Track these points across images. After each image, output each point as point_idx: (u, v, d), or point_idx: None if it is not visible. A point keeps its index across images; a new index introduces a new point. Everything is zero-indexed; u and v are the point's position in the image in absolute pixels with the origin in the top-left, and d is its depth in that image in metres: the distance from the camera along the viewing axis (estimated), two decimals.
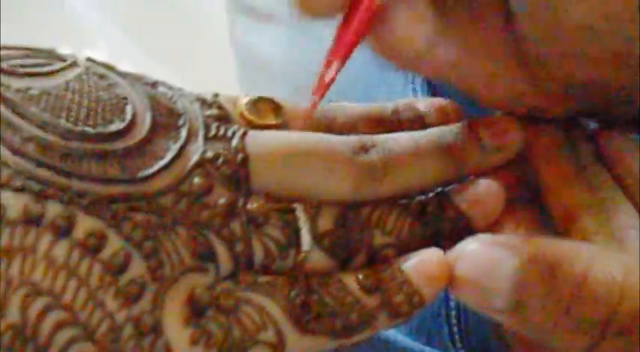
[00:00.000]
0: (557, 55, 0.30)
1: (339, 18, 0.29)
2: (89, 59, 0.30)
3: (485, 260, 0.28)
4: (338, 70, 0.29)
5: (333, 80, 0.29)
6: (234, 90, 0.66)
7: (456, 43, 0.31)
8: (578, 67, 0.30)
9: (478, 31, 0.31)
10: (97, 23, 1.29)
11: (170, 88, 0.31)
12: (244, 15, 0.61)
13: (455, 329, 0.41)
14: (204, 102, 0.31)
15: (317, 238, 0.29)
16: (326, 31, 0.54)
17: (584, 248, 0.28)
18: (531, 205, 0.33)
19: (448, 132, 0.33)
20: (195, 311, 0.26)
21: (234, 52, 0.64)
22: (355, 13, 0.28)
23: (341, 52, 0.29)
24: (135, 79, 0.30)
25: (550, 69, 0.31)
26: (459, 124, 0.34)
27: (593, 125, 0.35)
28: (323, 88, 0.29)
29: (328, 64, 0.29)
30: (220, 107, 0.31)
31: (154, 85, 0.31)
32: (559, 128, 0.34)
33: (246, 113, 0.32)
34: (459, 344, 0.41)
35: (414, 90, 0.44)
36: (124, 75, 0.30)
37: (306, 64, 0.54)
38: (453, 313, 0.41)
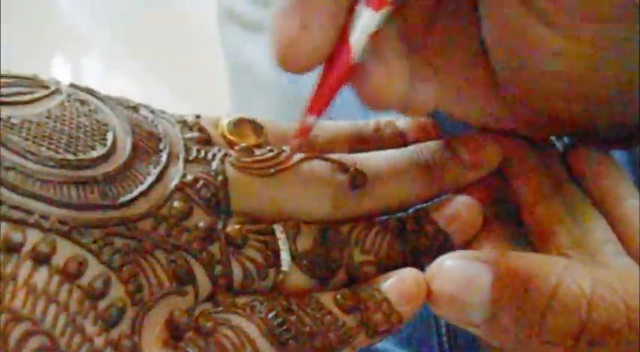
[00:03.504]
0: (522, 89, 0.32)
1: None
2: (71, 85, 0.31)
3: (460, 275, 0.28)
4: (317, 119, 0.30)
5: (311, 128, 0.30)
6: (227, 99, 0.66)
7: (431, 79, 0.32)
8: (541, 101, 0.32)
9: (455, 62, 0.33)
10: (92, 33, 1.29)
11: (152, 110, 0.32)
12: (235, 25, 0.62)
13: (444, 338, 0.41)
14: (185, 125, 0.32)
15: (296, 258, 0.29)
16: None
17: (556, 261, 0.28)
18: (509, 221, 0.33)
19: (427, 149, 0.34)
20: (174, 334, 0.26)
21: (226, 61, 0.64)
22: (333, 68, 0.29)
23: (320, 104, 0.29)
24: (116, 102, 0.31)
25: (518, 98, 0.32)
26: (437, 141, 0.34)
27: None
28: (304, 132, 0.30)
29: (309, 112, 0.29)
30: (201, 129, 0.32)
31: (135, 108, 0.31)
32: (534, 146, 0.34)
33: (227, 134, 0.33)
34: None
35: None
36: (105, 99, 0.30)
37: (295, 74, 0.54)
38: (442, 322, 0.42)
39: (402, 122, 0.36)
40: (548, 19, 0.28)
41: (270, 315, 0.27)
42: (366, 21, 0.28)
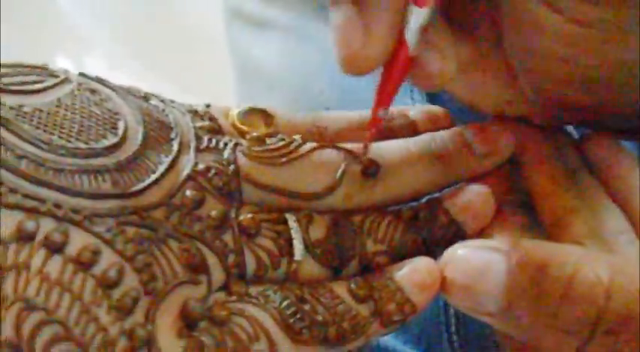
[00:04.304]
0: (533, 75, 0.32)
1: None
2: (81, 74, 0.30)
3: (474, 264, 0.28)
4: (386, 111, 0.31)
5: (382, 119, 0.32)
6: (231, 96, 0.66)
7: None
8: (553, 86, 0.32)
9: (473, 49, 0.32)
10: (93, 33, 1.29)
11: (162, 100, 0.32)
12: (241, 22, 0.62)
13: (454, 337, 0.41)
14: (195, 114, 0.32)
15: (309, 247, 0.29)
16: (321, 37, 0.54)
17: (572, 250, 0.28)
18: (522, 211, 0.33)
19: (439, 138, 0.33)
20: (188, 323, 0.26)
21: (232, 58, 0.64)
22: (393, 64, 0.30)
23: (386, 98, 0.31)
24: (127, 92, 0.31)
25: (532, 85, 0.32)
26: (449, 130, 0.34)
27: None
28: (376, 124, 0.32)
29: (378, 106, 0.31)
30: (212, 118, 0.32)
31: (146, 97, 0.31)
32: (547, 134, 0.34)
33: (237, 123, 0.32)
34: (458, 351, 0.41)
35: (412, 98, 0.45)
36: (116, 88, 0.30)
37: (303, 70, 0.54)
38: (453, 321, 0.41)
39: (414, 112, 0.36)
40: (552, 2, 0.29)
41: (284, 304, 0.27)
42: (416, 18, 0.29)
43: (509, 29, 0.31)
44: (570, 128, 0.37)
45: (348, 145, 0.32)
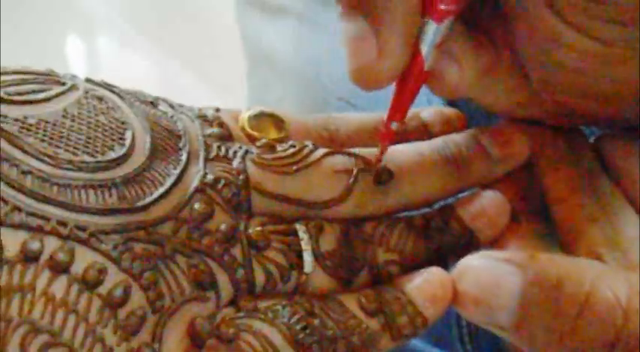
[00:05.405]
0: (544, 82, 0.31)
1: None
2: (88, 80, 0.30)
3: (488, 276, 0.28)
4: (399, 125, 0.31)
5: (394, 134, 0.31)
6: (242, 82, 0.65)
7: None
8: (568, 97, 0.31)
9: (490, 53, 0.32)
10: (104, 12, 1.28)
11: (170, 105, 0.31)
12: (254, 8, 0.61)
13: (464, 330, 0.41)
14: (205, 120, 0.31)
15: (319, 259, 0.29)
16: (332, 22, 0.53)
17: (590, 267, 0.27)
18: (537, 217, 0.32)
19: (453, 142, 0.33)
20: (196, 341, 0.25)
21: (244, 44, 0.63)
22: (408, 77, 0.30)
23: (400, 111, 0.31)
24: (134, 98, 0.30)
25: (547, 92, 0.31)
26: (464, 133, 0.33)
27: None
28: (389, 138, 0.31)
29: (391, 119, 0.31)
30: (221, 124, 0.31)
31: (154, 103, 0.31)
32: (563, 136, 0.33)
33: (247, 128, 0.32)
34: (468, 347, 0.41)
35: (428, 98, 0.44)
36: (123, 95, 0.30)
37: (315, 58, 0.53)
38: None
39: (427, 114, 0.35)
40: (566, 18, 0.28)
41: (293, 320, 0.27)
42: (433, 34, 0.29)
43: (523, 40, 0.30)
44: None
45: (360, 150, 0.31)
